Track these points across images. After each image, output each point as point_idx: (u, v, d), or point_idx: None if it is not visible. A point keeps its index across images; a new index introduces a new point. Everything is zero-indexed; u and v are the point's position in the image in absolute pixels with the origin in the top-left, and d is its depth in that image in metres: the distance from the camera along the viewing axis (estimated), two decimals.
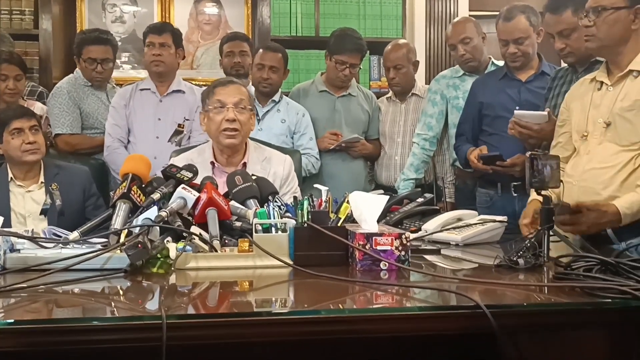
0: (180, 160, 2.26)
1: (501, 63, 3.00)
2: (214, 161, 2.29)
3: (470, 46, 3.07)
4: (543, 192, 1.56)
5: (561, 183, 1.61)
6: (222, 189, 1.87)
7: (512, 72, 2.78)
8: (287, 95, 3.35)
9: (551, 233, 1.53)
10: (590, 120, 1.94)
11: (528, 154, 1.56)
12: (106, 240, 1.60)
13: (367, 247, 1.46)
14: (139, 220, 1.59)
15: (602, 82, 1.95)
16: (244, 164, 2.28)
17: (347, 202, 1.59)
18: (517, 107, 2.48)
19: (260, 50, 3.23)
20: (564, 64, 2.54)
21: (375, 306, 1.26)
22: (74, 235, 1.62)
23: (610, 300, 1.14)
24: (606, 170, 1.86)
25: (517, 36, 2.66)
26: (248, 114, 2.25)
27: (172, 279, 1.46)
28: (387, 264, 1.45)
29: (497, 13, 2.81)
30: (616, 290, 1.14)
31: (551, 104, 2.41)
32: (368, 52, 3.92)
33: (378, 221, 1.59)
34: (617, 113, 1.87)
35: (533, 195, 1.84)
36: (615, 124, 1.87)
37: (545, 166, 1.55)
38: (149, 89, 3.14)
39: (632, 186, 1.81)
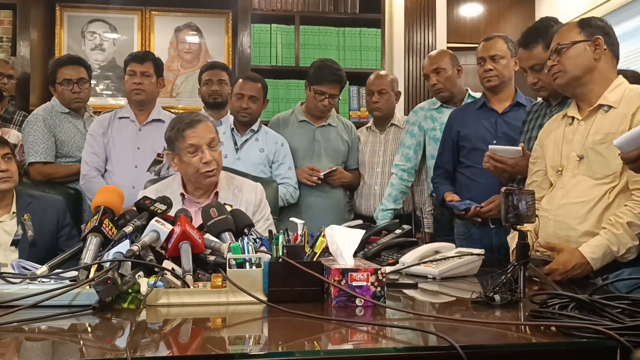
0: (149, 192, 2.24)
1: (478, 95, 3.04)
2: (184, 192, 2.26)
3: (442, 77, 3.12)
4: (518, 227, 1.56)
5: (537, 218, 1.61)
6: (194, 219, 1.84)
7: (489, 101, 2.81)
8: (266, 125, 3.35)
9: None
10: (564, 154, 1.97)
11: (503, 189, 1.57)
12: (75, 275, 1.56)
13: (342, 283, 1.44)
14: (110, 254, 1.55)
15: (573, 117, 1.99)
16: (216, 194, 2.27)
17: (323, 236, 1.57)
18: (495, 141, 2.51)
19: (240, 79, 3.23)
20: (539, 99, 2.58)
21: (350, 347, 1.23)
22: (42, 269, 1.58)
23: (585, 340, 1.13)
24: (581, 205, 1.88)
25: (494, 53, 2.73)
26: (220, 149, 2.26)
27: (142, 315, 1.42)
28: (362, 300, 1.43)
29: (475, 45, 2.88)
30: (591, 329, 1.13)
31: (526, 137, 2.44)
32: (347, 82, 3.97)
33: (356, 252, 1.58)
34: (590, 147, 1.89)
35: (514, 242, 1.83)
36: (588, 158, 1.90)
37: (521, 201, 1.55)
38: (128, 117, 3.12)
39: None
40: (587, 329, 1.14)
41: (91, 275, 1.49)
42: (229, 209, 1.88)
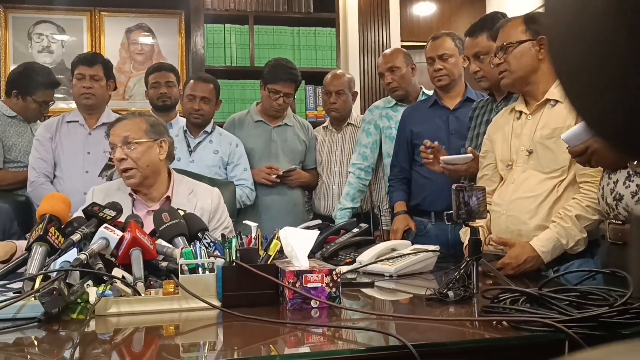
0: (100, 191, 2.20)
1: (431, 92, 3.07)
2: (132, 192, 2.20)
3: (397, 75, 3.14)
4: (470, 223, 1.58)
5: (488, 214, 1.63)
6: (144, 223, 1.80)
7: (440, 98, 2.84)
8: (221, 126, 3.31)
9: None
10: (514, 149, 2.00)
11: (454, 186, 1.58)
12: (20, 286, 1.50)
13: (297, 285, 1.43)
14: (57, 264, 1.50)
15: (521, 112, 2.02)
16: (167, 198, 2.20)
17: (277, 238, 1.56)
18: (443, 145, 2.49)
19: (192, 80, 3.18)
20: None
21: (306, 350, 1.22)
22: None
23: (535, 333, 1.15)
24: (532, 199, 1.91)
25: (442, 52, 2.75)
26: (141, 147, 2.12)
27: (91, 326, 1.38)
28: (317, 301, 1.42)
29: None
30: (540, 323, 1.15)
31: (474, 133, 2.48)
32: (304, 82, 3.95)
33: (314, 252, 1.56)
34: (538, 141, 1.93)
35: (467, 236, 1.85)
36: (537, 152, 1.93)
37: (472, 197, 1.57)
38: (77, 121, 3.04)
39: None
40: (537, 323, 1.16)
41: (36, 286, 1.43)
42: (181, 214, 1.84)
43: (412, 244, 2.14)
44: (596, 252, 1.91)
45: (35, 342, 1.31)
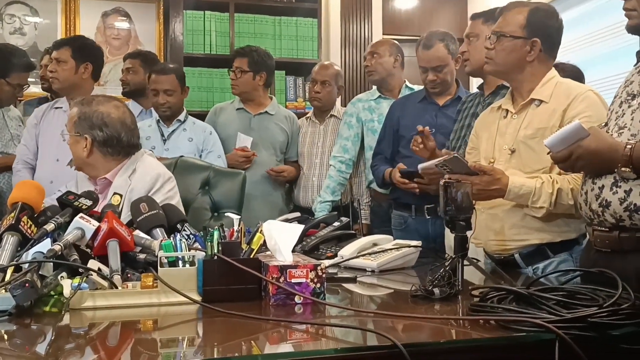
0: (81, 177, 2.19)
1: (415, 87, 3.07)
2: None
3: (376, 61, 3.16)
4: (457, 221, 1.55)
5: (474, 210, 1.61)
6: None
7: (430, 96, 2.84)
8: (205, 115, 3.33)
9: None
10: (497, 147, 1.98)
11: (441, 181, 1.56)
12: None
13: (281, 279, 1.39)
14: (29, 254, 1.44)
15: (507, 110, 2.01)
16: (105, 179, 2.13)
17: (260, 232, 1.52)
18: (433, 130, 2.52)
19: (153, 74, 3.16)
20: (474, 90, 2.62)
21: (289, 349, 1.19)
22: None
23: (524, 334, 1.13)
24: None
25: (436, 64, 2.74)
26: (70, 139, 2.15)
27: (66, 320, 1.32)
28: (302, 297, 1.39)
29: (410, 37, 2.89)
30: (529, 322, 1.14)
31: (459, 125, 2.50)
32: (284, 72, 3.92)
33: (295, 245, 1.53)
34: (521, 140, 1.91)
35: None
36: (519, 151, 1.91)
37: (459, 193, 1.55)
38: (61, 107, 2.95)
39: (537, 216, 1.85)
40: (526, 322, 1.14)
41: (7, 277, 1.37)
42: (117, 198, 1.79)
43: (394, 238, 2.12)
44: (575, 250, 1.90)
45: (6, 337, 1.25)
